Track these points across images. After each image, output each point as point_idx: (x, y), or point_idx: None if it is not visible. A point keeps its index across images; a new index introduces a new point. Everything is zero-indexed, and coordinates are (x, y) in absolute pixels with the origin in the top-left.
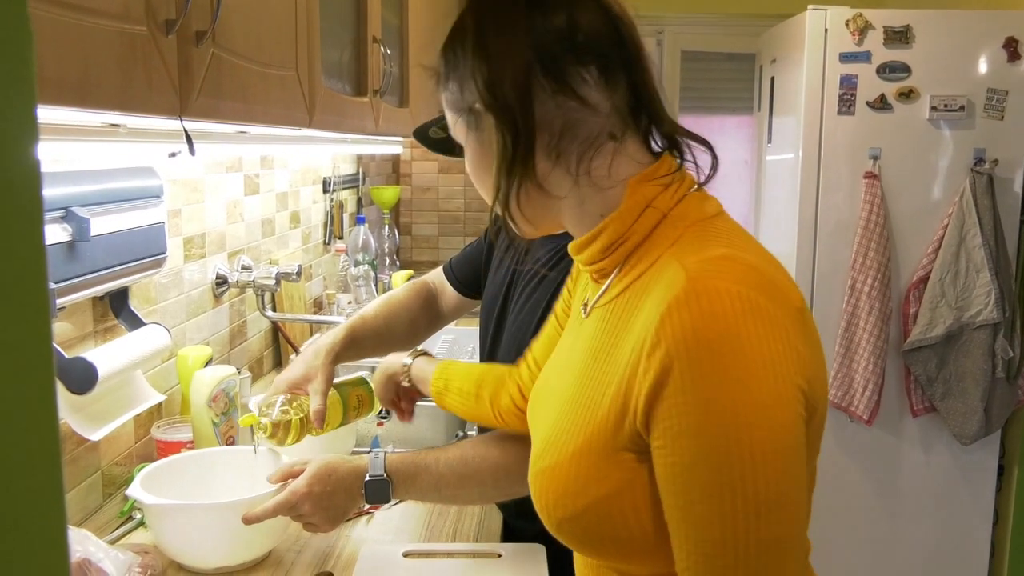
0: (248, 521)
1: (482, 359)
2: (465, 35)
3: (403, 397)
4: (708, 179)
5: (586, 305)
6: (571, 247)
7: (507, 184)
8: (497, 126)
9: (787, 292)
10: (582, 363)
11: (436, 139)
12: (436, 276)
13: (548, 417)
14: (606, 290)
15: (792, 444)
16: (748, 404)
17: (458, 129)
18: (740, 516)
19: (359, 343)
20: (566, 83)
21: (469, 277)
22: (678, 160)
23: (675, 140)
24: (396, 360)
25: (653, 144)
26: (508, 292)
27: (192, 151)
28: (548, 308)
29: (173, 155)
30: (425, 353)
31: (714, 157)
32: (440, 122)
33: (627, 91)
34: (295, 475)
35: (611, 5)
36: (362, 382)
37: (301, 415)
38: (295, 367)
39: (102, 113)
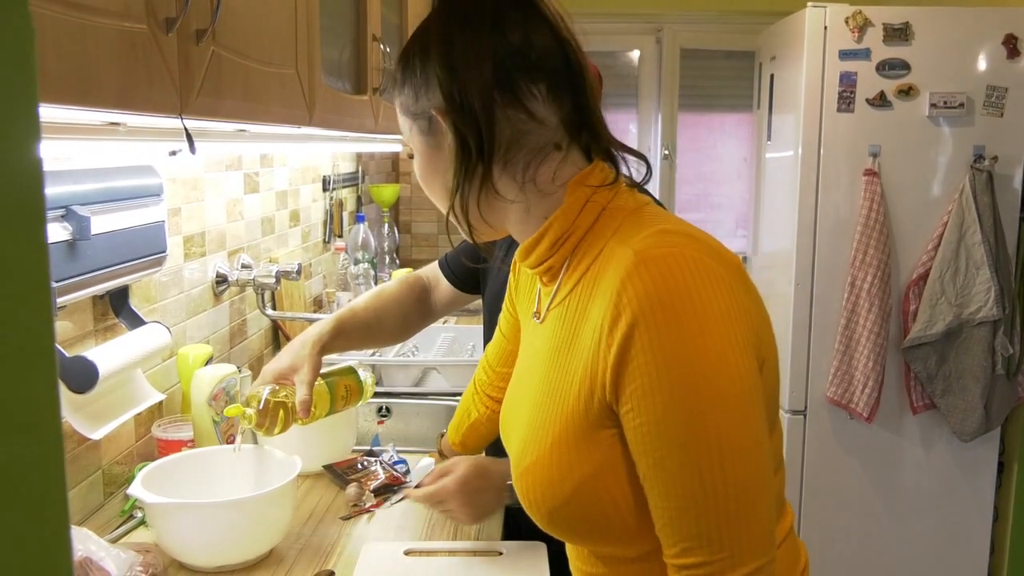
0: (411, 497)
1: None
2: (428, 45)
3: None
4: (644, 182)
5: (538, 312)
6: (519, 252)
7: (466, 187)
8: (457, 133)
9: (724, 252)
10: (546, 362)
11: None
12: (430, 270)
13: (520, 422)
14: (558, 289)
15: (750, 389)
16: (706, 355)
17: (412, 134)
18: (706, 464)
19: (347, 334)
20: (518, 97)
21: (465, 272)
22: (612, 169)
23: (611, 153)
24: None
25: (593, 156)
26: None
27: (193, 150)
28: None
29: (173, 153)
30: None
31: (648, 168)
32: None
33: (571, 108)
34: (446, 473)
35: (560, 28)
36: (350, 371)
37: (287, 405)
38: (281, 357)
39: (103, 112)
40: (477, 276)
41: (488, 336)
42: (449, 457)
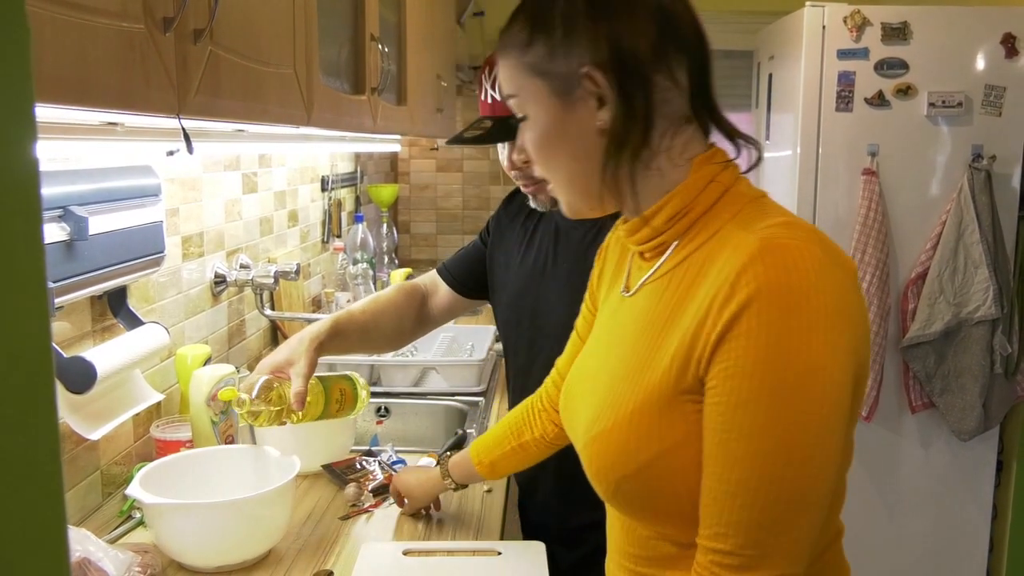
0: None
1: (513, 351)
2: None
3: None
4: (750, 169)
5: (627, 287)
6: (630, 224)
7: (619, 153)
8: (622, 92)
9: (844, 256)
10: (634, 334)
11: (471, 136)
12: (427, 278)
13: (596, 392)
14: (661, 265)
15: (839, 401)
16: (807, 354)
17: (536, 95)
18: (770, 459)
19: (344, 334)
20: (668, 63)
21: (466, 276)
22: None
23: (730, 135)
24: (432, 475)
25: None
26: (541, 279)
27: (190, 149)
28: None
29: (171, 153)
30: (439, 456)
31: (759, 155)
32: (481, 123)
33: (698, 84)
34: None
35: (696, 10)
36: (347, 378)
37: (281, 395)
38: (279, 352)
39: (100, 111)
40: (480, 280)
41: (506, 339)
42: (453, 480)
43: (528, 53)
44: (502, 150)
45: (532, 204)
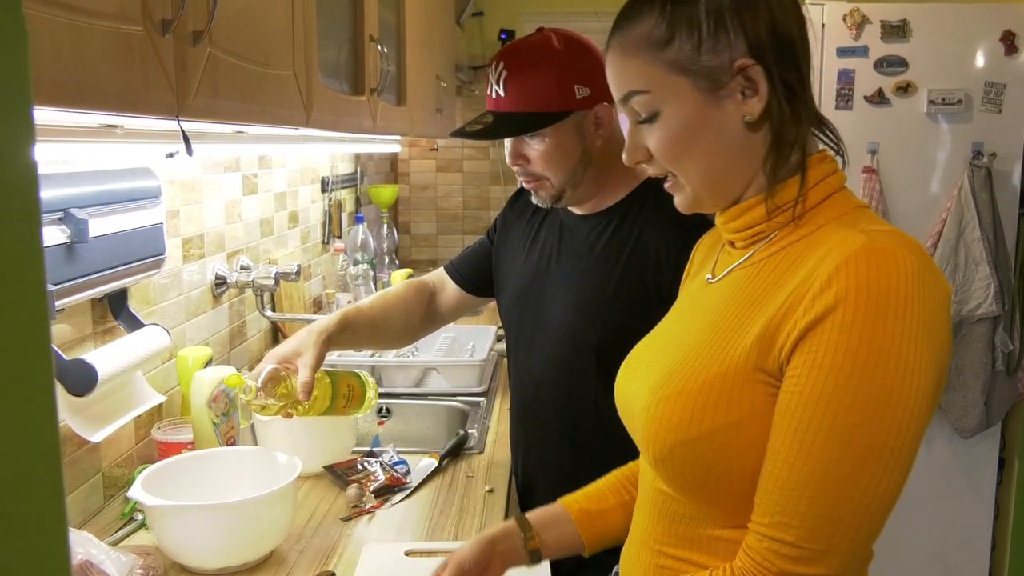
0: None
1: (515, 349)
2: None
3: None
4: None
5: (713, 274)
6: (731, 211)
7: (782, 144)
8: (783, 82)
9: (944, 279)
10: (717, 313)
11: (471, 131)
12: (435, 275)
13: (666, 361)
14: (754, 254)
15: (923, 412)
16: (898, 359)
17: (679, 93)
18: (848, 457)
19: (352, 328)
20: (797, 61)
21: (473, 274)
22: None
23: (835, 138)
24: (509, 541)
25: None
26: (545, 277)
27: (190, 151)
28: (622, 278)
29: (171, 155)
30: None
31: (846, 161)
32: (484, 117)
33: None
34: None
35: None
36: (356, 375)
37: (288, 388)
38: (287, 343)
39: (99, 114)
40: (487, 278)
41: (508, 336)
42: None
43: (668, 50)
44: (507, 147)
45: (535, 200)
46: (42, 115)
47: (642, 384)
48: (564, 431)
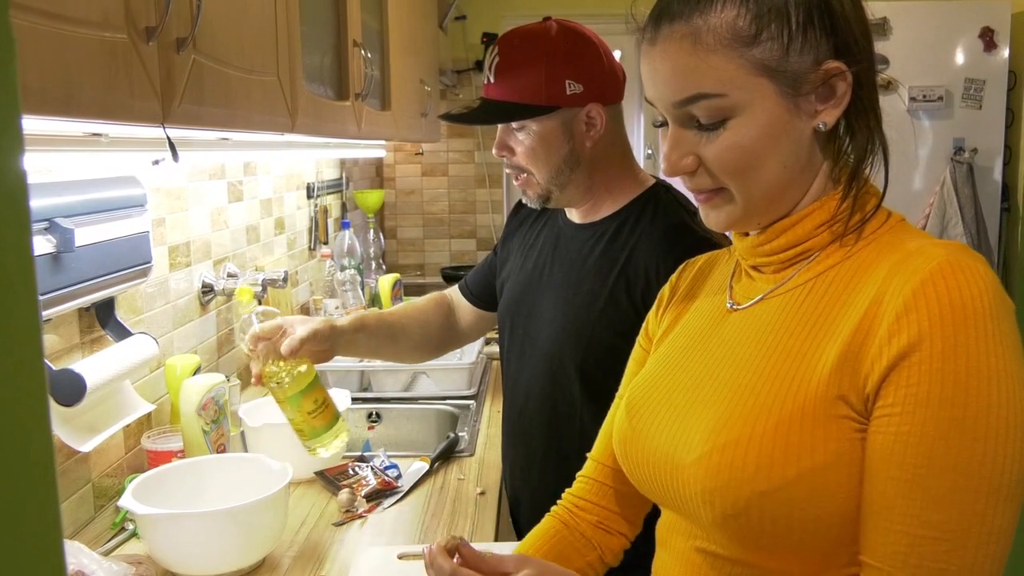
0: None
1: (507, 358)
2: None
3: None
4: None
5: (736, 302)
6: (769, 232)
7: (862, 156)
8: (868, 84)
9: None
10: (764, 344)
11: (455, 114)
12: (453, 291)
13: (712, 403)
14: (796, 275)
15: None
16: (1005, 382)
17: (757, 97)
18: (983, 496)
19: (368, 330)
20: (875, 65)
21: (481, 289)
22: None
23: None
24: None
25: None
26: (537, 287)
27: (176, 158)
28: (611, 295)
29: (156, 163)
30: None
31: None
32: (473, 102)
33: None
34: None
35: None
36: (338, 412)
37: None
38: (298, 316)
39: (85, 122)
40: (494, 292)
41: (501, 345)
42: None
43: (755, 48)
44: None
45: (524, 199)
46: (27, 124)
47: (681, 431)
48: (549, 450)
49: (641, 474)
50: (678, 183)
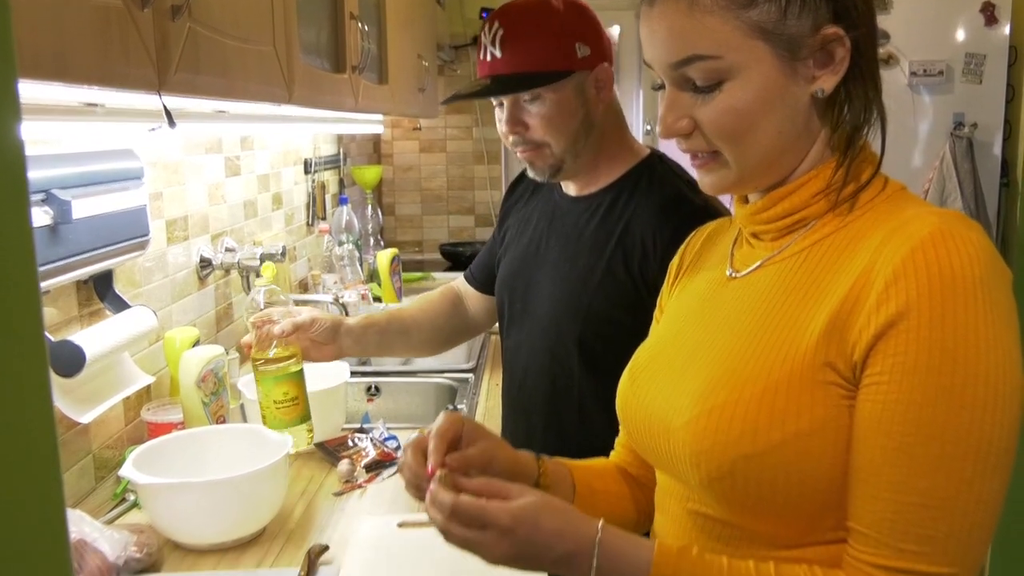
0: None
1: (506, 334)
2: None
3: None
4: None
5: (735, 269)
6: (766, 199)
7: (859, 123)
8: (867, 50)
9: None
10: (758, 311)
11: (467, 92)
12: (461, 280)
13: (703, 368)
14: (791, 244)
15: (1021, 402)
16: (996, 351)
17: (753, 60)
18: (969, 463)
19: (377, 324)
20: (876, 32)
21: (485, 274)
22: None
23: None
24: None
25: None
26: (534, 262)
27: (172, 124)
28: (608, 268)
29: (153, 129)
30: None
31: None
32: (479, 82)
33: None
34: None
35: None
36: (309, 414)
37: (269, 332)
38: (306, 308)
39: (80, 87)
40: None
41: (500, 322)
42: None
43: (752, 10)
44: (500, 117)
45: (530, 174)
46: (23, 92)
47: (675, 395)
48: (548, 424)
49: (639, 436)
50: (674, 149)
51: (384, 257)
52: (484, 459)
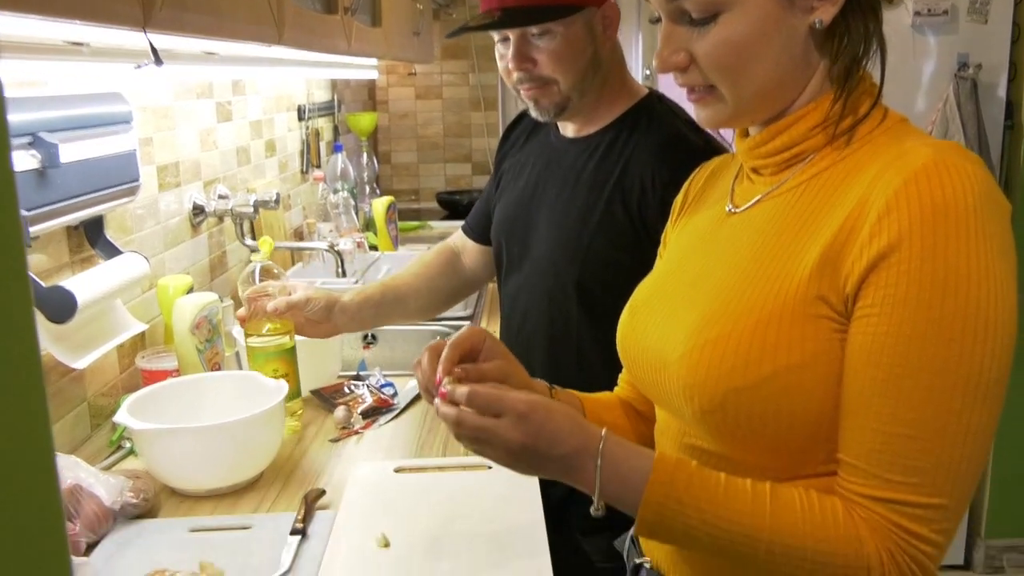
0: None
1: (504, 281)
2: None
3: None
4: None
5: (735, 204)
6: (764, 133)
7: (857, 57)
8: None
9: (1002, 192)
10: (755, 245)
11: (476, 24)
12: (457, 235)
13: (700, 302)
14: (791, 178)
15: (1013, 334)
16: (988, 282)
17: None
18: (958, 395)
19: (372, 299)
20: None
21: (482, 225)
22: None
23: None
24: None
25: None
26: (531, 204)
27: (159, 61)
28: (607, 209)
29: (139, 67)
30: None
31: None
32: (486, 15)
33: None
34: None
35: None
36: (300, 396)
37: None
38: (301, 283)
39: (64, 22)
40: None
41: (497, 268)
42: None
43: None
44: (502, 54)
45: (534, 114)
46: (5, 29)
47: (671, 329)
48: (547, 370)
49: (637, 371)
50: (674, 89)
51: (380, 205)
52: (498, 376)
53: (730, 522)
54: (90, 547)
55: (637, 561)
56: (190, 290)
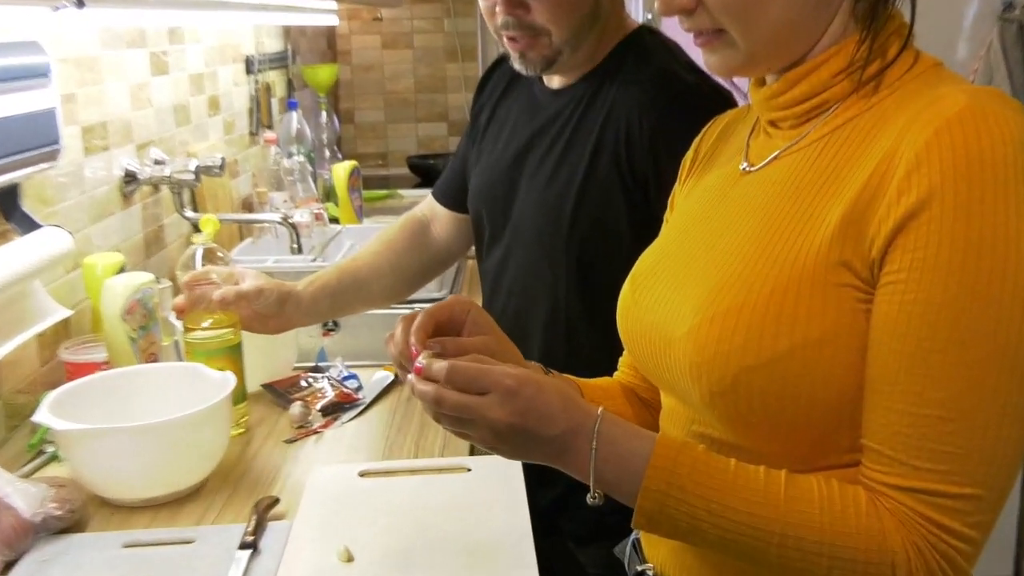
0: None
1: (486, 254)
2: None
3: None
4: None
5: (750, 162)
6: (782, 82)
7: None
8: None
9: None
10: (769, 206)
11: None
12: (425, 204)
13: (708, 271)
14: (809, 132)
15: None
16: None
17: None
18: (994, 370)
19: (328, 287)
20: None
21: (458, 189)
22: None
23: None
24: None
25: None
26: (513, 166)
27: (80, 3)
28: (591, 165)
29: (58, 8)
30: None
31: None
32: None
33: None
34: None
35: None
36: (244, 392)
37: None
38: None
39: None
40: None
41: (477, 239)
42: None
43: None
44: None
45: (517, 66)
46: None
47: (677, 303)
48: (536, 355)
49: (639, 351)
50: (676, 31)
51: (341, 171)
52: (483, 353)
53: (739, 512)
54: (8, 566)
55: (639, 568)
56: (121, 270)
